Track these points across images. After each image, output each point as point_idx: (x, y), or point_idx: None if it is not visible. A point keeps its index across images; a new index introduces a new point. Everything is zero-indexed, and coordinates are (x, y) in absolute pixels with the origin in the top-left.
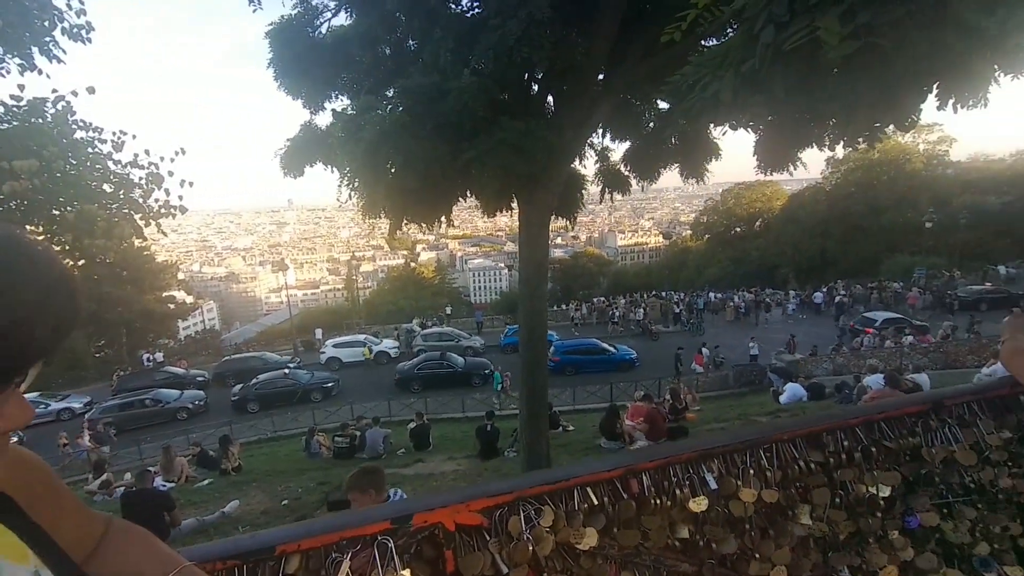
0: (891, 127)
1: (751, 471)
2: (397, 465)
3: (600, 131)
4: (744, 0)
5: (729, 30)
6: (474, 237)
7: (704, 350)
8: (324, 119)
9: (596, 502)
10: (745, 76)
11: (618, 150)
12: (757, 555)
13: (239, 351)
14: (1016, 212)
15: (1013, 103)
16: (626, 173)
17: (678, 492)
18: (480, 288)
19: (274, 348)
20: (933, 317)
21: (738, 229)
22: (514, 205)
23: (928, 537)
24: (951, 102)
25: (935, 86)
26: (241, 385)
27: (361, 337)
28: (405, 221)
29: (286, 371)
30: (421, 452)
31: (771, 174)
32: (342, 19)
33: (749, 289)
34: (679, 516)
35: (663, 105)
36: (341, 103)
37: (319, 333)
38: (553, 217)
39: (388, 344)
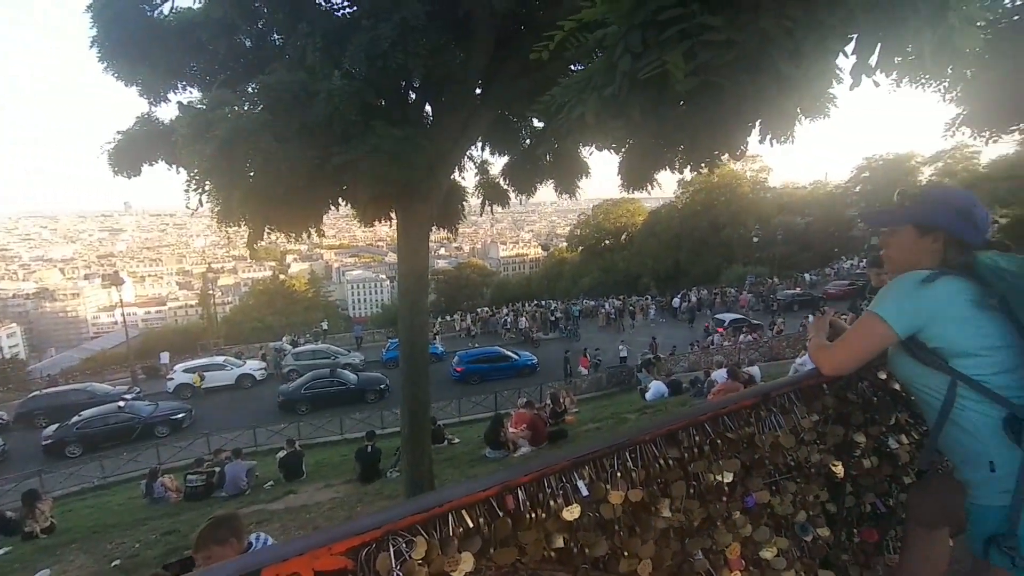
0: (726, 155)
1: (618, 473)
2: (264, 500)
3: (480, 144)
4: (605, 30)
5: (595, 55)
6: (353, 247)
7: (588, 353)
8: (168, 111)
9: (472, 524)
10: (607, 100)
11: (498, 164)
12: (625, 553)
13: (54, 383)
14: (815, 230)
15: (810, 141)
16: (505, 187)
17: (552, 503)
18: (360, 301)
19: (105, 377)
20: (760, 316)
21: (607, 242)
22: (393, 215)
23: (762, 513)
24: (768, 137)
25: (758, 123)
26: (57, 425)
27: (220, 359)
28: (267, 230)
29: (121, 404)
30: (293, 483)
31: (633, 192)
32: (190, 0)
33: (618, 297)
34: (554, 526)
35: (538, 123)
36: (191, 95)
37: (165, 357)
38: (434, 227)
39: (253, 365)
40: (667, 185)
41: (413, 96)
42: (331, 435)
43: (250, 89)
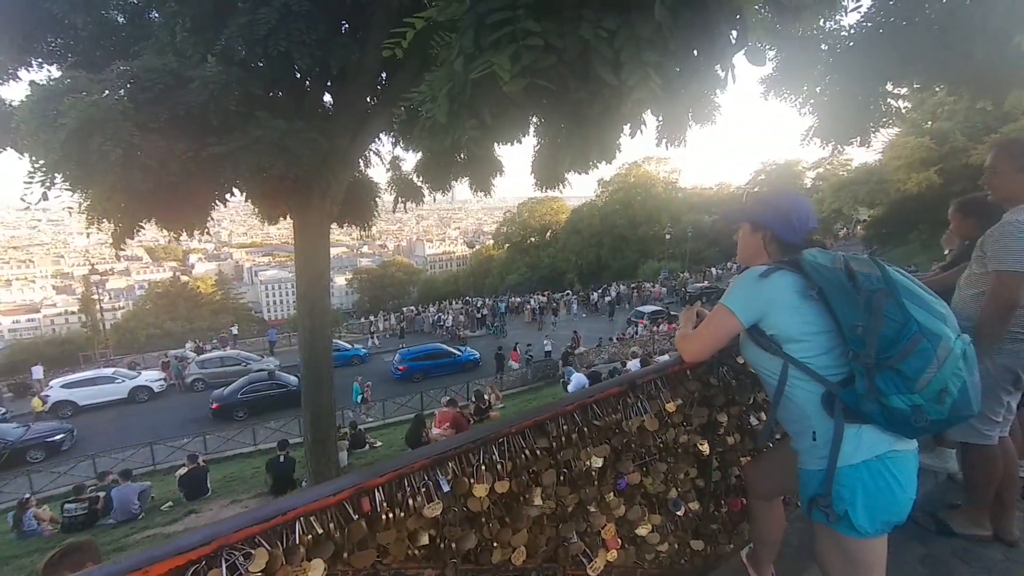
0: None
1: (483, 467)
2: (160, 524)
3: (392, 140)
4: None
5: None
6: (267, 245)
7: (519, 348)
8: (19, 91)
9: (322, 530)
10: (459, 100)
11: (411, 160)
12: (496, 543)
13: None
14: (720, 228)
15: (710, 145)
16: (419, 183)
17: (412, 501)
18: (275, 303)
19: None
20: (673, 308)
21: (533, 239)
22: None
23: (634, 493)
24: (664, 141)
25: (627, 127)
26: None
27: (108, 371)
28: (136, 228)
29: None
30: (196, 502)
31: (546, 191)
32: None
33: (543, 292)
34: (417, 524)
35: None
36: (51, 74)
37: (38, 372)
38: (346, 224)
39: (150, 376)
40: (588, 183)
41: (311, 87)
42: (244, 446)
43: (113, 72)
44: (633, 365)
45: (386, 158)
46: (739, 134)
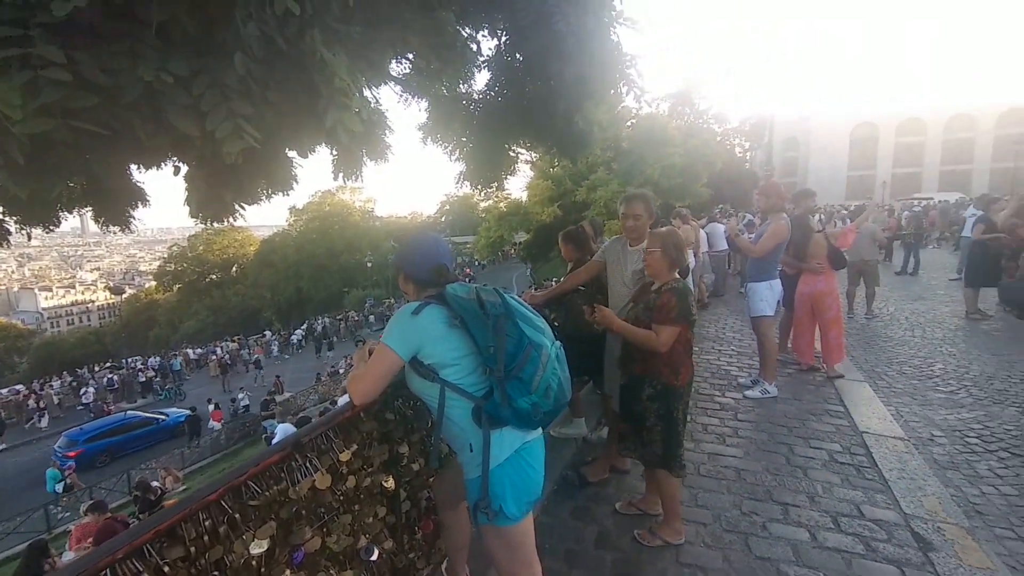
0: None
1: None
2: None
3: None
4: None
5: None
6: None
7: (220, 406)
8: None
9: None
10: None
11: None
12: None
13: None
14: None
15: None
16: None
17: None
18: None
19: None
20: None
21: (214, 276)
22: None
23: (317, 560)
24: (340, 175)
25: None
26: None
27: None
28: None
29: None
30: None
31: (212, 224)
32: None
33: (233, 338)
34: None
35: None
36: None
37: None
38: None
39: None
40: (274, 211)
41: None
42: None
43: None
44: (343, 400)
45: None
46: (428, 168)
